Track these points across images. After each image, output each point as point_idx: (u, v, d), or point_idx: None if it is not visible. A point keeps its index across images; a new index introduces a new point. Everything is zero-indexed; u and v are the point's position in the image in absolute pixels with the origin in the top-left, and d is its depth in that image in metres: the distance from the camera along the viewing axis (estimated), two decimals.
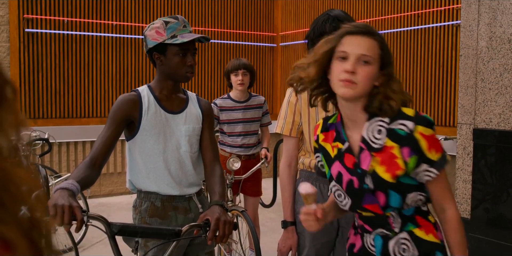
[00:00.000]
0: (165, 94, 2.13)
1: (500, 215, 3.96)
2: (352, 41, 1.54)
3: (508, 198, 3.90)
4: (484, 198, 4.08)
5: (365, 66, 1.51)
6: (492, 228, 4.00)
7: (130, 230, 1.73)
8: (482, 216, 4.09)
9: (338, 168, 1.64)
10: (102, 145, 1.96)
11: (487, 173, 4.04)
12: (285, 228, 2.22)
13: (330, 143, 1.69)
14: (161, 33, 2.05)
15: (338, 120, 1.68)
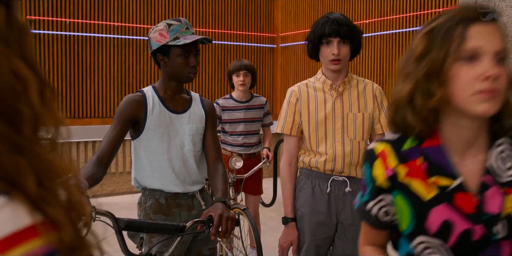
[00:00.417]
0: (169, 95, 2.19)
1: None
2: (483, 32, 1.09)
3: None
4: None
5: (503, 66, 1.08)
6: None
7: (137, 225, 1.80)
8: None
9: (444, 215, 1.15)
10: (108, 144, 2.02)
11: None
12: (285, 224, 2.29)
13: (423, 179, 1.18)
14: (164, 35, 2.12)
15: (436, 143, 1.18)
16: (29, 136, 0.54)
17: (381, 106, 2.31)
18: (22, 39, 0.55)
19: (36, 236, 0.52)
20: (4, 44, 0.52)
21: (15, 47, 0.54)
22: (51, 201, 0.53)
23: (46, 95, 0.55)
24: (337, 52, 2.18)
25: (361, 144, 2.25)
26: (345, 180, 2.24)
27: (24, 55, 0.54)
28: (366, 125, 2.27)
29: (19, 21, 0.55)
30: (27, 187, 0.52)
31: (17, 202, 0.52)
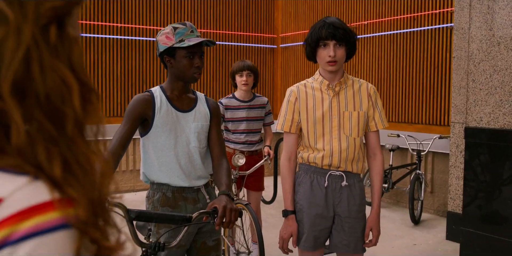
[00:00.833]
0: (176, 94, 2.32)
1: (491, 210, 4.15)
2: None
3: (498, 194, 4.09)
4: (475, 194, 4.26)
5: None
6: (483, 222, 4.18)
7: (146, 216, 1.92)
8: (474, 211, 4.27)
9: None
10: (119, 140, 2.15)
11: (478, 170, 4.22)
12: (285, 216, 2.41)
13: None
14: (170, 38, 2.24)
15: None
16: (72, 133, 0.64)
17: (375, 104, 2.43)
18: (71, 52, 0.65)
19: (52, 210, 0.57)
20: (55, 56, 0.63)
21: (64, 59, 0.64)
22: (73, 184, 0.60)
23: (90, 99, 0.65)
24: (333, 54, 2.30)
25: (356, 141, 2.38)
26: (341, 174, 2.36)
27: (72, 66, 0.65)
28: (361, 122, 2.39)
29: (70, 35, 0.66)
30: (52, 170, 0.59)
31: (40, 182, 0.59)
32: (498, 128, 4.08)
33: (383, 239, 5.02)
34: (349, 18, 7.07)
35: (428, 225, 5.57)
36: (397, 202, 6.48)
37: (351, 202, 2.35)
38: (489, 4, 4.12)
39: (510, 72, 3.98)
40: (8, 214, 0.56)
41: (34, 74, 0.59)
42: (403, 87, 6.36)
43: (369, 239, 2.43)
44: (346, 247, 2.36)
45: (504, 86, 4.03)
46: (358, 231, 2.37)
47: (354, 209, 2.35)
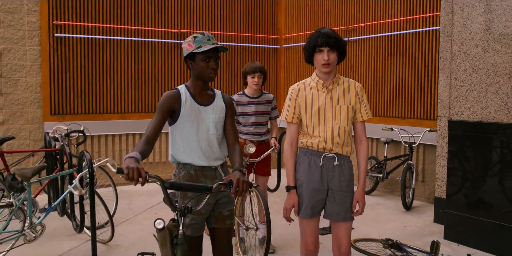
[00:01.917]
0: (197, 91, 2.83)
1: (471, 194, 4.66)
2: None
3: (478, 180, 4.60)
4: (458, 180, 4.77)
5: None
6: (464, 205, 4.69)
7: (177, 185, 2.44)
8: (457, 195, 4.78)
9: None
10: (153, 128, 2.66)
11: (460, 159, 4.73)
12: (288, 191, 2.92)
13: None
14: (191, 45, 2.76)
15: None
16: None
17: (361, 99, 2.94)
18: None
19: None
20: None
21: None
22: None
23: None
24: (327, 58, 2.81)
25: (346, 129, 2.89)
26: (334, 156, 2.88)
27: None
28: (350, 114, 2.91)
29: None
30: None
31: None
32: (477, 121, 4.59)
33: (377, 222, 5.54)
34: (347, 21, 7.57)
35: (418, 210, 6.08)
36: (392, 191, 6.98)
37: (342, 178, 2.87)
38: (469, 11, 4.62)
39: (486, 71, 4.48)
40: None
41: None
42: (397, 84, 6.85)
43: (356, 209, 2.94)
44: (337, 216, 2.88)
45: (481, 83, 4.53)
46: (347, 203, 2.89)
47: (344, 184, 2.87)
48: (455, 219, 4.78)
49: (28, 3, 6.83)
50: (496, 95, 4.42)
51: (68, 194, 4.70)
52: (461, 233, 4.72)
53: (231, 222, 2.92)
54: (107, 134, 7.46)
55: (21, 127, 6.88)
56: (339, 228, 2.91)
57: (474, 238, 4.57)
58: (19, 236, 4.20)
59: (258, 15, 8.76)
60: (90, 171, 4.14)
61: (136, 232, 5.18)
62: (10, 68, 6.77)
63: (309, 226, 2.90)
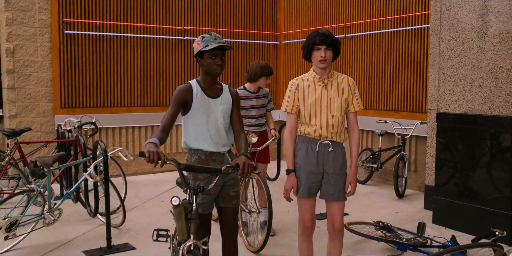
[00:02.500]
0: (207, 85, 3.17)
1: (457, 181, 5.02)
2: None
3: (464, 168, 4.96)
4: (445, 168, 5.12)
5: None
6: (451, 192, 5.05)
7: (191, 167, 2.79)
8: (444, 183, 5.14)
9: None
10: (168, 118, 3.01)
11: (447, 148, 5.08)
12: (288, 174, 3.28)
13: None
14: (199, 44, 3.10)
15: None
16: None
17: (353, 92, 3.29)
18: None
19: None
20: None
21: None
22: None
23: None
24: (324, 55, 3.15)
25: (339, 119, 3.24)
26: (328, 143, 3.23)
27: None
28: (343, 105, 3.25)
29: None
30: None
31: None
32: (462, 113, 4.94)
33: (371, 209, 5.91)
34: (343, 18, 7.90)
35: (410, 198, 6.45)
36: (386, 180, 7.34)
37: (335, 162, 3.22)
38: (455, 11, 4.96)
39: (471, 67, 4.83)
40: None
41: None
42: (390, 79, 7.20)
43: (348, 190, 3.30)
44: (332, 196, 3.24)
45: (467, 78, 4.88)
46: (340, 184, 3.24)
47: (337, 168, 3.22)
48: (443, 205, 5.14)
49: (39, 2, 7.15)
50: (480, 89, 4.76)
51: (82, 181, 5.05)
52: (448, 217, 5.08)
53: (236, 202, 3.27)
54: (114, 126, 7.79)
55: (32, 120, 7.22)
56: (333, 207, 3.26)
57: (459, 222, 4.93)
58: (39, 219, 4.56)
59: (258, 12, 9.10)
60: (105, 159, 4.48)
61: (144, 217, 5.53)
62: (22, 63, 7.10)
63: (306, 205, 3.26)
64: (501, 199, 4.60)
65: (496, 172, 4.64)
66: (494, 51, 4.61)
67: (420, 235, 4.35)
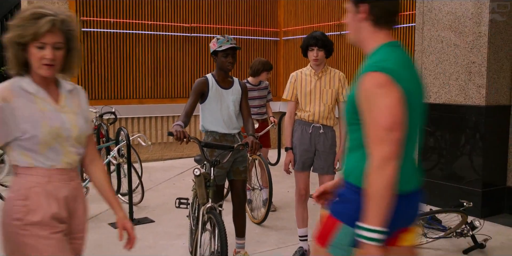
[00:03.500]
0: (220, 78, 3.82)
1: (440, 163, 5.68)
2: None
3: (444, 151, 5.62)
4: (428, 152, 5.78)
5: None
6: (435, 173, 5.72)
7: (210, 144, 3.46)
8: (429, 165, 5.80)
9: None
10: (190, 105, 3.66)
11: (429, 134, 5.74)
12: (286, 151, 3.94)
13: None
14: (215, 44, 3.76)
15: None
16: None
17: (343, 85, 3.93)
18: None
19: None
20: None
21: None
22: None
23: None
24: (316, 55, 3.80)
25: (330, 107, 3.89)
26: (320, 126, 3.89)
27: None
28: (334, 95, 3.91)
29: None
30: None
31: None
32: (442, 103, 5.60)
33: None
34: (339, 16, 8.53)
35: None
36: None
37: (326, 142, 3.88)
38: (436, 12, 5.60)
39: (449, 62, 5.48)
40: None
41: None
42: None
43: (337, 166, 3.96)
44: (322, 170, 3.90)
45: (445, 72, 5.53)
46: (329, 160, 3.90)
47: (327, 147, 3.89)
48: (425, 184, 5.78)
49: (59, 2, 7.76)
50: (456, 82, 5.42)
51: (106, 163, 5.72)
52: (429, 196, 5.73)
53: (245, 176, 3.94)
54: (127, 117, 8.42)
55: None
56: (324, 179, 3.93)
57: (439, 199, 5.59)
58: None
59: (260, 11, 9.71)
60: (128, 143, 5.15)
61: (158, 197, 6.19)
62: None
63: (300, 177, 3.94)
64: (474, 178, 5.27)
65: (470, 155, 5.30)
66: (468, 48, 5.26)
67: None
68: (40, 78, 2.01)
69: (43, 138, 1.95)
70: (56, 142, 1.99)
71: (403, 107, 1.79)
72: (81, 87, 2.25)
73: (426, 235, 4.37)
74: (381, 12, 1.96)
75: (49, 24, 1.91)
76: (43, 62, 1.94)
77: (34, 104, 1.98)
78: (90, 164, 2.23)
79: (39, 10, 1.94)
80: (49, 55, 1.93)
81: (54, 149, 2.00)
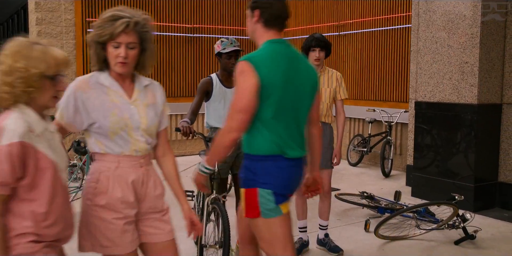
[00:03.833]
0: (224, 78, 4.03)
1: (432, 159, 5.90)
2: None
3: (437, 148, 5.84)
4: (421, 148, 6.00)
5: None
6: (427, 169, 5.94)
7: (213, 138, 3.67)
8: (421, 161, 6.02)
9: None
10: (196, 103, 3.87)
11: (423, 132, 5.96)
12: None
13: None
14: (219, 46, 3.97)
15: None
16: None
17: (340, 84, 4.14)
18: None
19: None
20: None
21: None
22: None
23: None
24: (318, 55, 4.01)
25: (328, 104, 4.10)
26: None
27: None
28: (332, 94, 4.12)
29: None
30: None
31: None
32: (436, 101, 5.82)
33: (360, 186, 6.79)
34: (338, 18, 8.75)
35: (395, 178, 7.34)
36: (375, 163, 8.23)
37: (324, 138, 4.09)
38: (430, 14, 5.82)
39: (443, 62, 5.70)
40: None
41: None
42: (379, 72, 8.07)
43: (334, 161, 4.17)
44: (321, 164, 4.06)
45: (439, 72, 5.75)
46: (328, 156, 4.11)
47: (326, 143, 4.09)
48: (420, 180, 6.03)
49: (65, 3, 8.00)
50: (450, 81, 5.63)
51: None
52: (424, 191, 5.96)
53: None
54: None
55: None
56: (323, 173, 4.12)
57: (433, 194, 5.81)
58: (78, 191, 5.44)
59: None
60: None
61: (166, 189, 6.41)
62: None
63: None
64: (467, 174, 5.48)
65: (463, 152, 5.51)
66: (461, 49, 5.47)
67: (396, 202, 5.24)
68: (116, 73, 2.22)
69: (111, 127, 2.16)
70: (123, 131, 2.19)
71: (255, 92, 2.32)
72: (159, 83, 2.46)
73: (420, 227, 4.58)
74: (269, 16, 2.46)
75: (124, 25, 2.11)
76: (117, 60, 2.14)
77: (107, 96, 2.19)
78: (162, 157, 2.41)
79: (117, 12, 2.15)
80: (122, 54, 2.12)
81: (122, 137, 2.19)
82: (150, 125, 2.27)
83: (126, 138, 2.20)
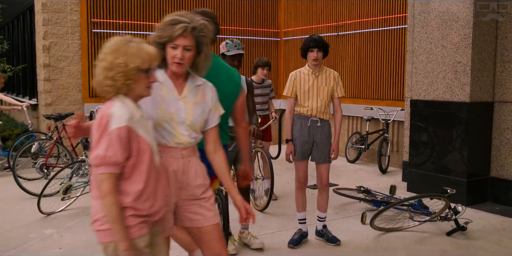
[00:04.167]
0: None
1: (427, 155, 6.12)
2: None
3: (431, 145, 6.05)
4: (416, 145, 6.22)
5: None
6: (422, 164, 6.15)
7: None
8: (416, 157, 6.24)
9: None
10: None
11: (418, 129, 6.18)
12: (287, 142, 4.37)
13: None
14: (224, 47, 4.20)
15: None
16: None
17: (337, 83, 4.35)
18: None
19: None
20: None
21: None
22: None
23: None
24: (316, 56, 4.22)
25: (326, 102, 4.32)
26: (317, 120, 4.31)
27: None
28: (329, 92, 4.34)
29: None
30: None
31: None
32: (430, 100, 6.03)
33: (357, 182, 7.00)
34: (337, 18, 8.97)
35: (391, 174, 7.55)
36: (373, 160, 8.45)
37: (322, 134, 4.31)
38: (425, 16, 6.03)
39: (437, 62, 5.91)
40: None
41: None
42: (376, 72, 8.28)
43: (332, 156, 4.39)
44: (319, 159, 4.33)
45: (433, 71, 5.97)
46: (326, 151, 4.33)
47: (324, 138, 4.31)
48: (415, 176, 6.25)
49: (71, 4, 8.21)
50: (444, 80, 5.85)
51: None
52: (419, 186, 6.18)
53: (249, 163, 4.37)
54: None
55: (65, 108, 8.31)
56: (321, 167, 4.36)
57: (428, 189, 6.03)
58: (86, 185, 5.66)
59: (261, 12, 10.16)
60: None
61: None
62: (56, 58, 8.17)
63: (300, 165, 4.36)
64: (459, 169, 5.70)
65: (456, 148, 5.73)
66: (454, 49, 5.69)
67: (391, 195, 5.46)
68: (171, 72, 2.41)
69: (158, 119, 2.35)
70: (168, 124, 2.38)
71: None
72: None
73: (413, 219, 4.81)
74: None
75: (182, 29, 2.30)
76: (174, 60, 2.34)
77: (159, 91, 2.38)
78: (213, 153, 2.56)
79: (177, 17, 2.35)
80: (179, 55, 2.32)
81: (167, 130, 2.39)
82: (194, 121, 2.43)
83: (171, 131, 2.39)
